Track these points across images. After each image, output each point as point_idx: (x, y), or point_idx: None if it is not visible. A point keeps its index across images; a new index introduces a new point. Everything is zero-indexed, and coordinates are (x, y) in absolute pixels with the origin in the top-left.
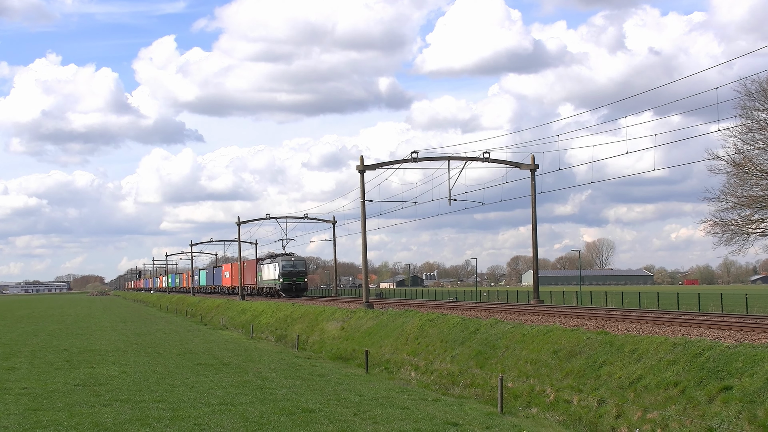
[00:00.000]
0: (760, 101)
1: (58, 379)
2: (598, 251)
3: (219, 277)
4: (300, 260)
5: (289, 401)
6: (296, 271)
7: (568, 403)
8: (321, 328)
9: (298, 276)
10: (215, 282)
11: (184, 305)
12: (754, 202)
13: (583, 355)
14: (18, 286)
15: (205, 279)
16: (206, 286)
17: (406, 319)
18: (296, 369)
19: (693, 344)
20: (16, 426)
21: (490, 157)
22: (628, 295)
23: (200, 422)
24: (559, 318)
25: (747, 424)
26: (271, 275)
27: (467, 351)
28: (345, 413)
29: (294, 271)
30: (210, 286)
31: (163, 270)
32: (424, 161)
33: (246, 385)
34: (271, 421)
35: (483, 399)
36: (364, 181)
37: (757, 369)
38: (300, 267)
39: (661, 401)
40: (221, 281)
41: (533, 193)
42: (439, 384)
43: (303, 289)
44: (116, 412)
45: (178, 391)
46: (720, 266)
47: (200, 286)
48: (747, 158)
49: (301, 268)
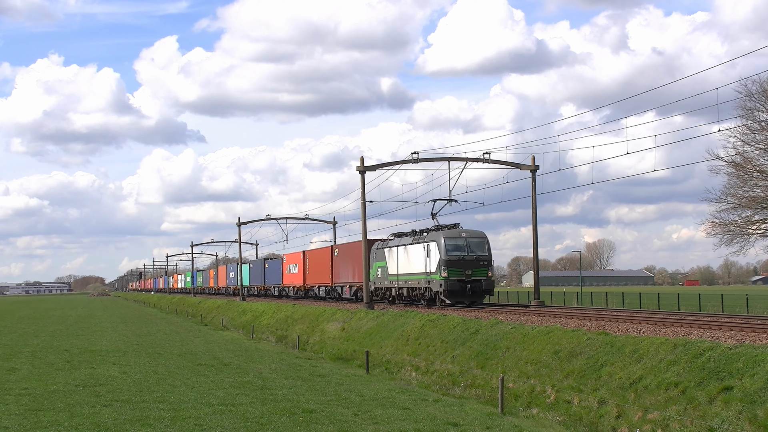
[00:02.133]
0: (760, 102)
1: (58, 379)
2: (598, 252)
3: (277, 272)
4: (478, 237)
5: (290, 401)
6: (474, 258)
7: (569, 403)
8: (322, 328)
9: (477, 266)
10: (271, 280)
11: (184, 306)
12: (754, 203)
13: (583, 355)
14: (18, 286)
15: (250, 276)
16: (251, 285)
17: (406, 319)
18: (297, 369)
19: (694, 345)
20: (17, 426)
21: (490, 158)
22: (628, 296)
23: (201, 423)
24: (560, 318)
25: (747, 425)
26: (414, 266)
27: (468, 351)
28: (346, 413)
29: (470, 258)
30: (260, 286)
31: (163, 270)
32: (425, 162)
33: (247, 385)
34: (272, 421)
35: (483, 399)
36: (364, 181)
37: (758, 369)
38: (480, 249)
39: (662, 402)
40: (281, 278)
41: (534, 194)
42: (439, 384)
43: (486, 292)
44: (117, 412)
45: (179, 391)
46: (720, 267)
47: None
48: (747, 159)
49: (481, 252)
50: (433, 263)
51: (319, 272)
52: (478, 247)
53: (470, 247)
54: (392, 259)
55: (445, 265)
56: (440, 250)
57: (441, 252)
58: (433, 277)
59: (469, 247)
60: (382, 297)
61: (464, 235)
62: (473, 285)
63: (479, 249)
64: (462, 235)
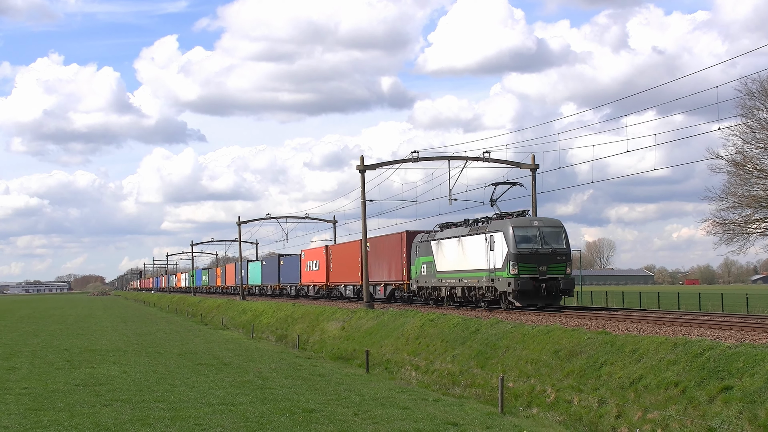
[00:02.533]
0: (760, 100)
1: (58, 379)
2: (598, 251)
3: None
4: (554, 227)
5: (290, 401)
6: (550, 251)
7: (569, 403)
8: (321, 328)
9: (554, 261)
10: (287, 278)
11: (184, 305)
12: (754, 201)
13: (583, 355)
14: (19, 286)
15: (263, 274)
16: (264, 284)
17: (406, 319)
18: (297, 369)
19: (694, 344)
20: (17, 426)
21: (490, 157)
22: (628, 295)
23: (201, 422)
24: (560, 318)
25: (747, 424)
26: (472, 262)
27: (468, 351)
28: (345, 413)
29: (544, 251)
30: (274, 286)
31: (163, 270)
32: (425, 161)
33: (246, 385)
34: (272, 420)
35: (483, 399)
36: (364, 181)
37: (758, 369)
38: (557, 241)
39: (662, 401)
40: (299, 277)
41: (533, 193)
42: (439, 384)
43: (564, 292)
44: (117, 412)
45: (179, 391)
46: (721, 266)
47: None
48: (748, 158)
49: (557, 244)
50: (498, 258)
51: (346, 269)
52: (554, 238)
53: (545, 238)
54: (441, 254)
55: (514, 260)
56: (508, 241)
57: (509, 244)
58: (499, 274)
59: (543, 238)
60: (428, 298)
61: (537, 224)
62: (549, 284)
63: (555, 240)
64: (534, 223)
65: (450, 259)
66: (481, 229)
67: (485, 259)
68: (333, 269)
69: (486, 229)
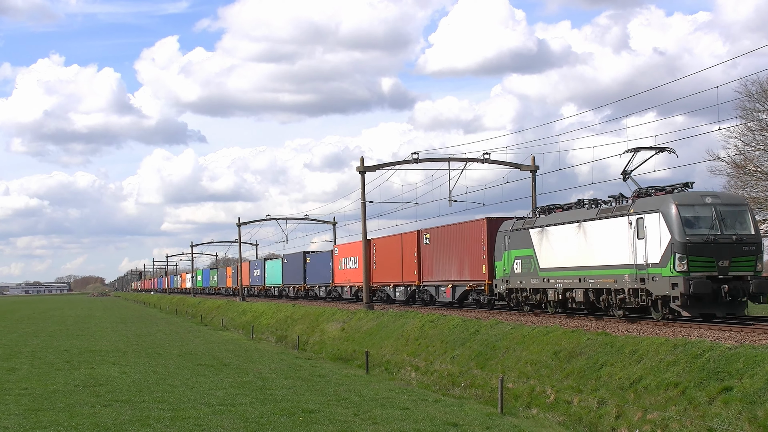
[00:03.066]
0: (760, 102)
1: (58, 379)
2: None
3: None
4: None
5: (290, 402)
6: (734, 239)
7: (569, 403)
8: (321, 329)
9: (740, 253)
10: (315, 278)
11: (184, 306)
12: (754, 203)
13: (583, 356)
14: (18, 287)
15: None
16: (285, 285)
17: (406, 320)
18: (297, 370)
19: (693, 345)
20: (17, 426)
21: (490, 158)
22: None
23: (200, 423)
24: (560, 319)
25: (747, 425)
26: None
27: (467, 352)
28: (345, 414)
29: (725, 239)
30: (299, 286)
31: (163, 271)
32: (425, 162)
33: (246, 385)
34: (272, 421)
35: (483, 400)
36: (364, 182)
37: (758, 370)
38: (742, 225)
39: (662, 402)
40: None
41: (534, 194)
42: (439, 385)
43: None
44: (116, 412)
45: (179, 391)
46: None
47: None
48: (748, 159)
49: (743, 229)
50: (652, 249)
51: (396, 267)
52: (737, 221)
53: (724, 220)
54: (547, 245)
55: (681, 251)
56: (670, 225)
57: (672, 229)
58: (655, 272)
59: (723, 221)
60: (522, 303)
61: (711, 201)
62: (733, 285)
63: (739, 223)
64: (707, 200)
65: (562, 251)
66: (620, 210)
67: (629, 250)
68: (377, 267)
69: (630, 210)
